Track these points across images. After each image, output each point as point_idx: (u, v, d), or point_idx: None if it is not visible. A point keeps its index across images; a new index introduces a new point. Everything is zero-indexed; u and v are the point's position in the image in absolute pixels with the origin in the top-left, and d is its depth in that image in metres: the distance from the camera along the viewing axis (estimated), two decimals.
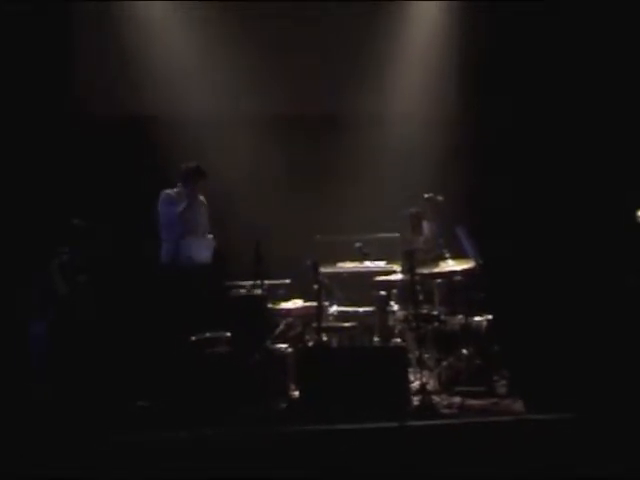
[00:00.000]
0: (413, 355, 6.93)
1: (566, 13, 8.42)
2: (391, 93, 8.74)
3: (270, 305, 7.04)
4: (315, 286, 6.89)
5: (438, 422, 6.05)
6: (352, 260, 7.79)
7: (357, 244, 7.50)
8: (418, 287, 7.02)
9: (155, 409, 6.38)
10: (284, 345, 6.83)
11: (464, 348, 6.98)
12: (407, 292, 7.04)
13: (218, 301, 6.96)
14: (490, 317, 7.18)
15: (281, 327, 7.09)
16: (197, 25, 8.47)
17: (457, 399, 6.59)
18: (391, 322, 7.36)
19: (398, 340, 7.24)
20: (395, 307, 7.38)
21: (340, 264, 7.83)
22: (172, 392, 6.45)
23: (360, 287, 7.63)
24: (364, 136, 8.66)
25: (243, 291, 7.09)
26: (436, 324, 7.10)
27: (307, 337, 7.08)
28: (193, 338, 6.70)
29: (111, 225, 7.85)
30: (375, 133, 8.67)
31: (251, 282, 7.03)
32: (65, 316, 6.80)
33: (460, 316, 7.16)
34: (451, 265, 7.23)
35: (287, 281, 7.33)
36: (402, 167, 8.53)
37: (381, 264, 7.76)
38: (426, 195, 7.52)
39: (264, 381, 6.41)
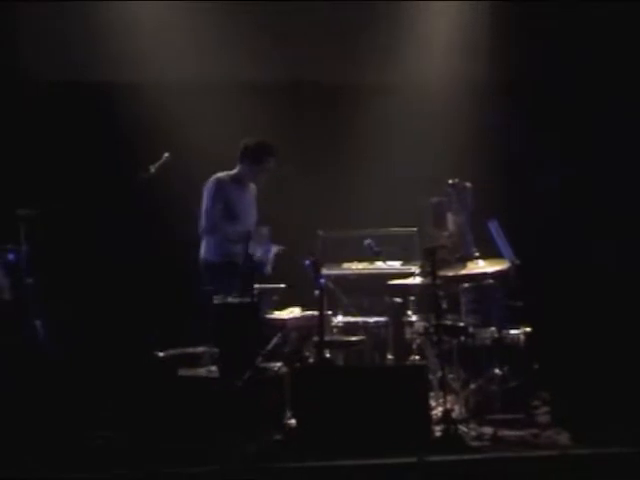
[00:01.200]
0: (435, 376, 6.81)
1: None
2: (408, 60, 8.63)
3: (261, 315, 6.89)
4: (316, 291, 6.75)
5: (465, 457, 5.97)
6: (361, 260, 7.78)
7: (367, 241, 7.40)
8: (441, 293, 6.91)
9: (119, 442, 6.27)
10: (278, 363, 6.69)
11: (497, 367, 6.89)
12: (428, 299, 6.97)
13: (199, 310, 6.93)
14: (529, 329, 7.05)
15: (275, 341, 6.93)
16: None
17: (488, 429, 6.48)
18: (408, 335, 7.26)
19: (416, 357, 7.15)
20: (413, 317, 7.27)
21: (346, 265, 7.82)
22: (142, 421, 6.38)
23: (371, 293, 7.58)
24: (375, 110, 8.59)
25: (228, 297, 6.90)
26: (463, 338, 6.98)
27: (306, 354, 6.98)
28: (164, 354, 6.67)
29: (70, 215, 7.89)
30: (389, 106, 8.58)
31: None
32: (8, 327, 6.72)
33: (492, 328, 7.04)
34: (481, 266, 7.15)
35: (282, 285, 7.25)
36: (421, 148, 8.44)
37: (396, 265, 7.75)
38: (451, 181, 7.41)
39: (254, 407, 6.30)
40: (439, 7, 8.67)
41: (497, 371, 6.87)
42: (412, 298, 7.38)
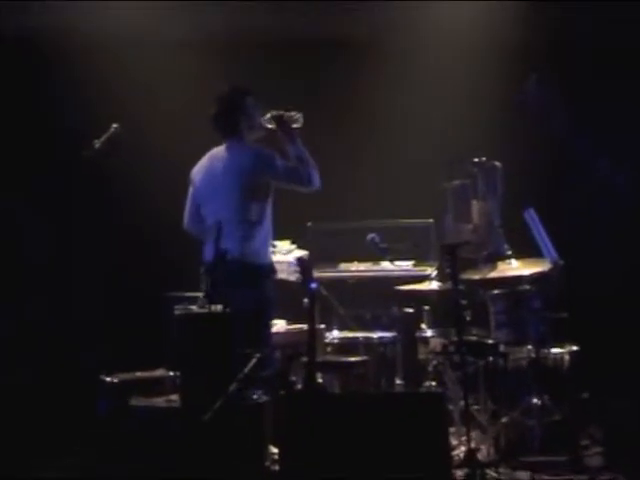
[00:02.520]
0: (456, 406, 6.88)
1: None
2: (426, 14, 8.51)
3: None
4: (305, 300, 6.65)
5: None
6: (362, 260, 7.91)
7: (370, 235, 7.40)
8: (464, 301, 6.92)
9: None
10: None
11: (535, 396, 6.88)
12: (447, 309, 6.97)
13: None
14: (575, 348, 7.11)
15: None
16: None
17: (524, 474, 6.46)
18: (422, 355, 7.34)
19: (433, 383, 7.19)
20: (428, 332, 7.33)
21: (344, 265, 7.99)
22: (83, 462, 6.44)
23: (375, 301, 7.72)
24: (383, 70, 8.63)
25: (194, 307, 6.77)
26: (491, 358, 6.99)
27: (293, 378, 6.88)
28: (111, 379, 6.63)
29: None
30: (401, 66, 8.63)
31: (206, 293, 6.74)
32: None
33: (529, 346, 7.04)
34: (515, 267, 7.12)
35: None
36: (439, 119, 8.48)
37: (407, 265, 7.82)
38: (476, 160, 7.36)
39: (226, 446, 6.12)
40: None
41: (535, 401, 6.87)
42: (427, 308, 7.40)
